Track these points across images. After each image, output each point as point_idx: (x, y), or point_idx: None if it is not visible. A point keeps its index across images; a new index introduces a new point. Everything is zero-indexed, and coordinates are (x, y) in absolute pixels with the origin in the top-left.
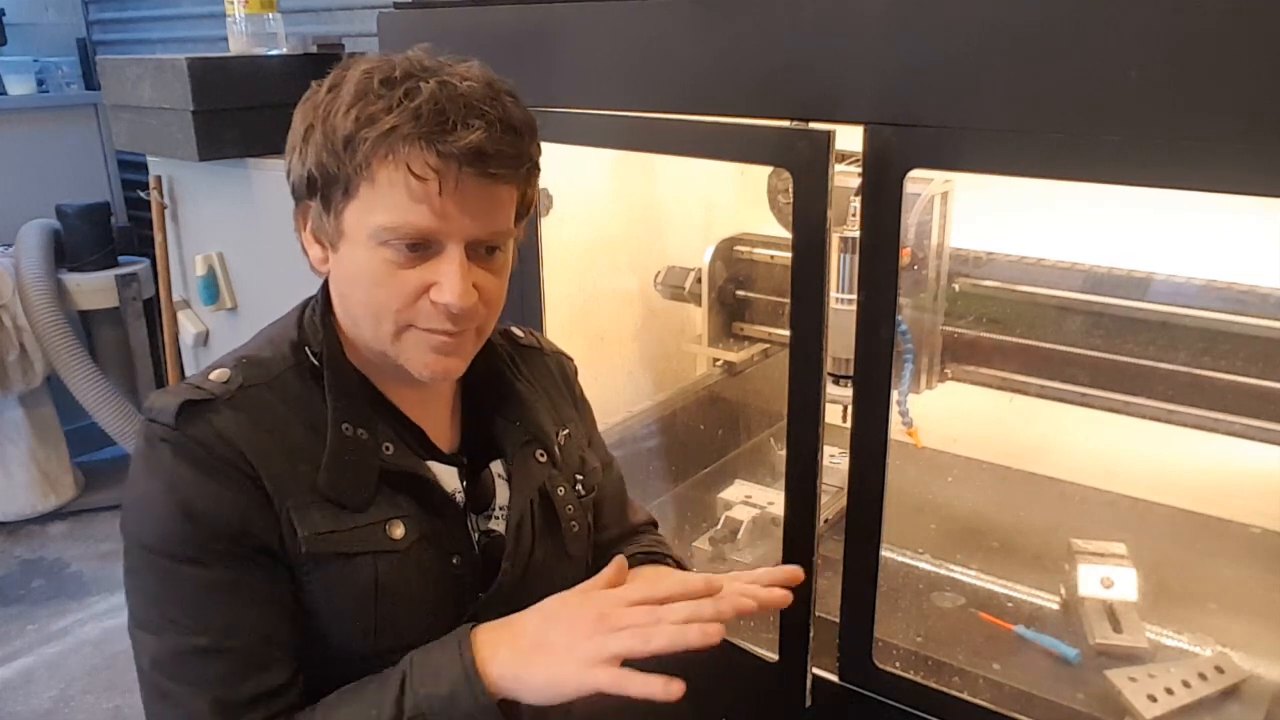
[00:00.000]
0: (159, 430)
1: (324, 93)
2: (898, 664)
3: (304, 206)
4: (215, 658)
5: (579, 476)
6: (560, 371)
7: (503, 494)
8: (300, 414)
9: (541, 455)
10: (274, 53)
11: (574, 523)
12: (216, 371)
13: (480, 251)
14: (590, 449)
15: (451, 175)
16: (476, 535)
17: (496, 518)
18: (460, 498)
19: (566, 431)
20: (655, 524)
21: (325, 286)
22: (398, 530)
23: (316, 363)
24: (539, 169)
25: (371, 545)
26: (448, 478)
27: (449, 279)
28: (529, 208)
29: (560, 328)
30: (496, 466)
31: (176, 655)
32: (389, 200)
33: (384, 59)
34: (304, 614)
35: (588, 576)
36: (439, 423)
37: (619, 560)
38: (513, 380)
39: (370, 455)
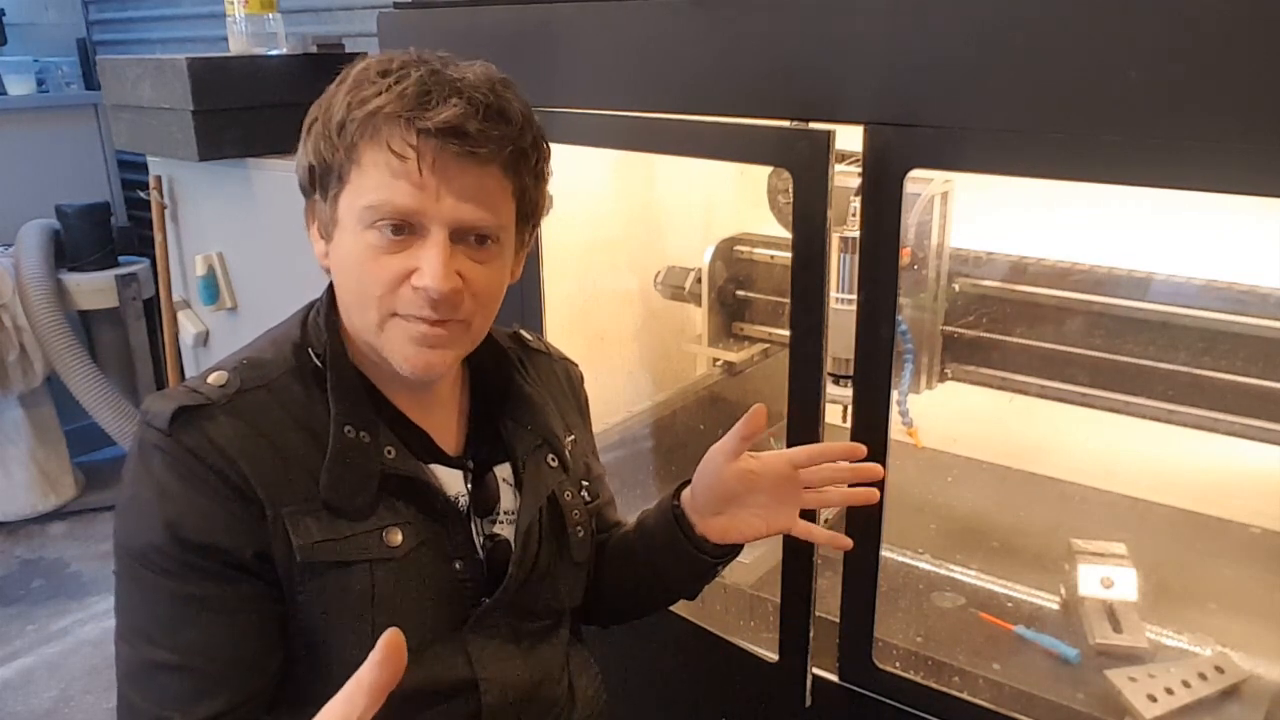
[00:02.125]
0: (153, 436)
1: (332, 87)
2: (898, 664)
3: (311, 203)
4: (177, 675)
5: (584, 483)
6: (567, 378)
7: (507, 498)
8: (299, 418)
9: (553, 460)
10: (274, 53)
11: (579, 528)
12: (215, 374)
13: (468, 240)
14: (593, 457)
15: (430, 152)
16: (481, 540)
17: (501, 522)
18: (464, 502)
19: (573, 438)
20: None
21: (330, 288)
22: (395, 537)
23: (319, 364)
24: (540, 167)
25: (368, 553)
26: (452, 481)
27: (429, 262)
28: (534, 209)
29: (560, 328)
30: (502, 471)
31: (143, 668)
32: (373, 180)
33: (387, 53)
34: (301, 624)
35: (589, 582)
36: (445, 425)
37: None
38: (522, 383)
39: (372, 459)
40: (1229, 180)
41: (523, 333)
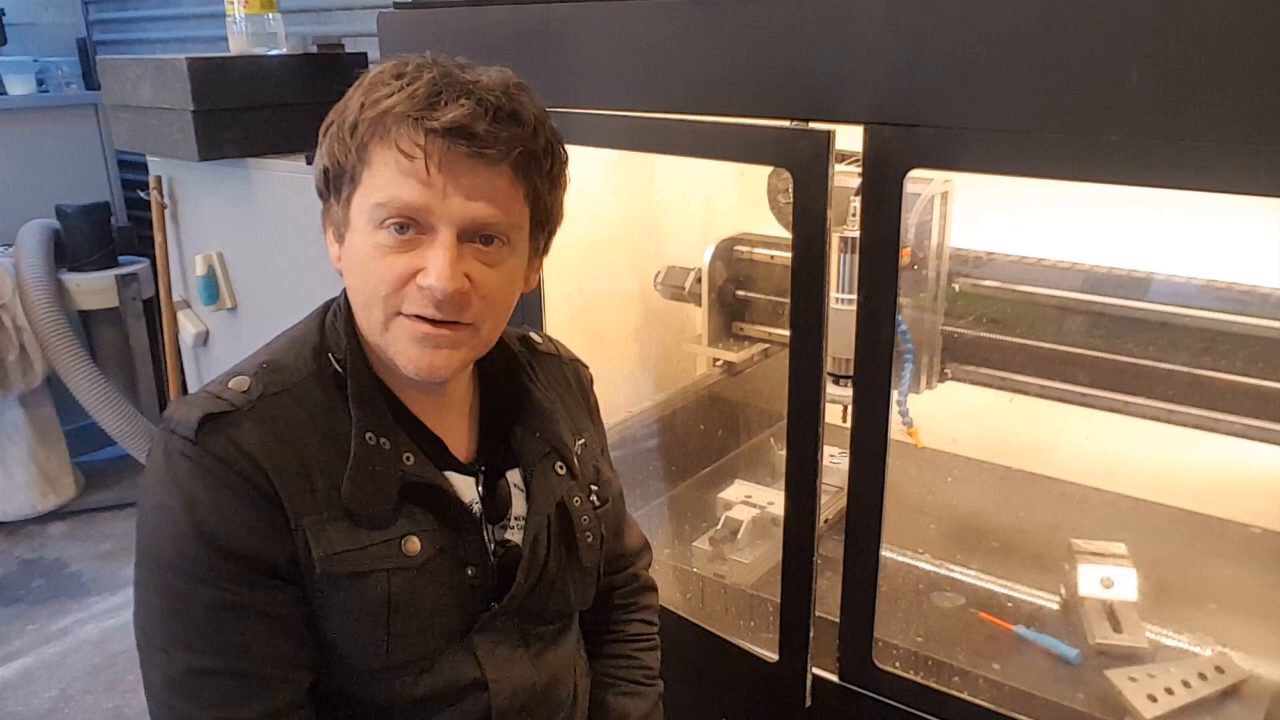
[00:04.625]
0: (178, 444)
1: (349, 91)
2: (898, 664)
3: (327, 207)
4: (223, 678)
5: (594, 487)
6: (577, 380)
7: (518, 504)
8: (320, 424)
9: (561, 468)
10: (274, 53)
11: (588, 533)
12: (236, 379)
13: (476, 241)
14: (603, 458)
15: (437, 151)
16: (492, 546)
17: (512, 528)
18: (477, 508)
19: (582, 441)
20: (649, 549)
21: (346, 293)
22: (413, 545)
23: (340, 369)
24: (555, 173)
25: (386, 562)
26: (465, 488)
27: (435, 262)
28: (548, 216)
29: (560, 328)
30: (513, 476)
31: (185, 674)
32: (381, 179)
33: (407, 57)
34: (318, 631)
35: (596, 586)
36: (457, 432)
37: None
38: (532, 389)
39: (392, 466)
40: (1229, 180)
41: (532, 335)
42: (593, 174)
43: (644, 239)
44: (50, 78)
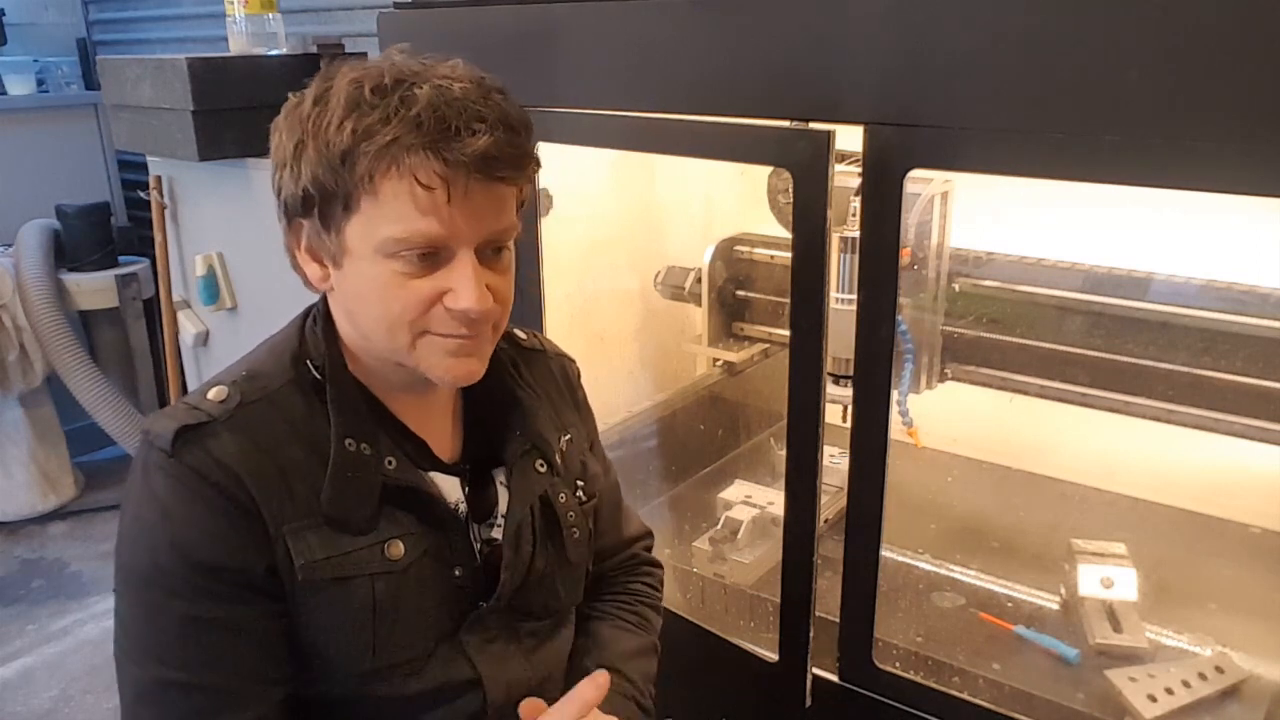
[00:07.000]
0: (156, 458)
1: (310, 105)
2: (898, 664)
3: (297, 225)
4: (192, 692)
5: (580, 482)
6: (563, 374)
7: (504, 502)
8: (299, 431)
9: (541, 465)
10: (274, 53)
11: (575, 529)
12: (215, 389)
13: (488, 253)
14: (591, 454)
15: (460, 182)
16: (479, 545)
17: (498, 526)
18: (463, 508)
19: (568, 437)
20: (650, 534)
21: (325, 299)
22: (396, 549)
23: (319, 376)
24: (539, 164)
25: (368, 567)
26: (450, 488)
27: (464, 286)
28: (524, 201)
29: (560, 328)
30: (499, 474)
31: (155, 686)
32: (395, 212)
33: (367, 66)
34: (302, 636)
35: (587, 580)
36: (441, 433)
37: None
38: (514, 387)
39: (373, 471)
40: (1229, 180)
41: (516, 332)
42: (593, 174)
43: (644, 239)
44: (50, 78)
